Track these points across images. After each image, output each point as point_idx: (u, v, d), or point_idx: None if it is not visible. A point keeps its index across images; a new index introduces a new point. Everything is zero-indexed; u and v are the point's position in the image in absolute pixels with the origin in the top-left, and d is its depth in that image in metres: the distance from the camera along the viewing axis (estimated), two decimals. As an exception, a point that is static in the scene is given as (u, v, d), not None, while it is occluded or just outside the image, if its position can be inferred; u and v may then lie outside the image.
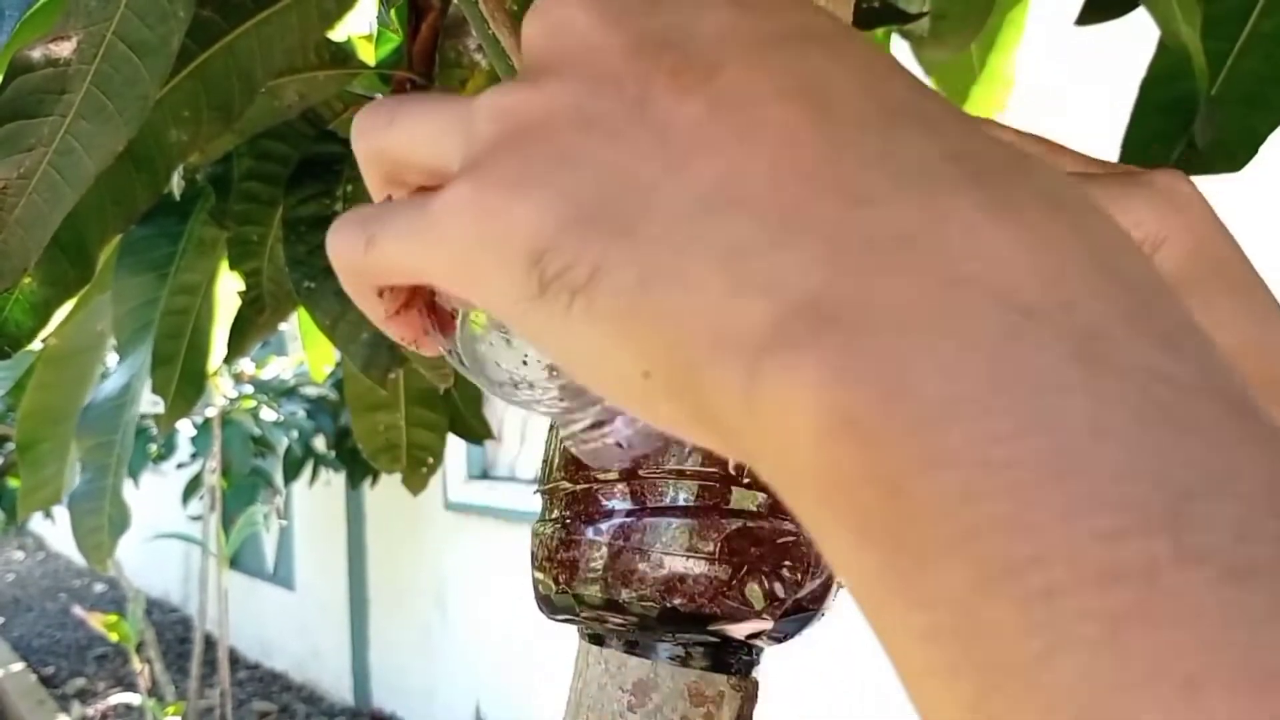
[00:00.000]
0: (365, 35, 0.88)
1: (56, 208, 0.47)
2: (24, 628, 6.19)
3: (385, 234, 0.20)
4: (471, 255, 0.18)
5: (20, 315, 0.55)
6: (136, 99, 0.47)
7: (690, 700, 0.36)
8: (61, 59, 0.45)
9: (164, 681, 3.65)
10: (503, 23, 0.36)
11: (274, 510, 3.97)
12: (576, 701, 0.38)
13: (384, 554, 4.35)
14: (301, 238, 0.73)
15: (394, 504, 3.99)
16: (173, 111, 0.58)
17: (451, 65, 0.76)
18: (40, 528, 8.29)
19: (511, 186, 0.18)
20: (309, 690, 4.78)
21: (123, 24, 0.46)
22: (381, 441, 0.96)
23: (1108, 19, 0.67)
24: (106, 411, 0.88)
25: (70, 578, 7.48)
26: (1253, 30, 0.59)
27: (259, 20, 0.61)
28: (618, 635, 0.36)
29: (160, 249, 0.86)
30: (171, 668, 4.41)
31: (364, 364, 0.72)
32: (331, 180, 0.75)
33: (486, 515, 3.60)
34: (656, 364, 0.16)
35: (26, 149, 0.45)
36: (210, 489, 3.51)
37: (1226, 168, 0.61)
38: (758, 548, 0.34)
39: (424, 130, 0.21)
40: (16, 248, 0.46)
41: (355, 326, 0.72)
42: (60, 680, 5.10)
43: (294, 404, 3.49)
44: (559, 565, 0.36)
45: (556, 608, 0.37)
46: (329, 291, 0.72)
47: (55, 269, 0.55)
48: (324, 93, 0.74)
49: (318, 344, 1.09)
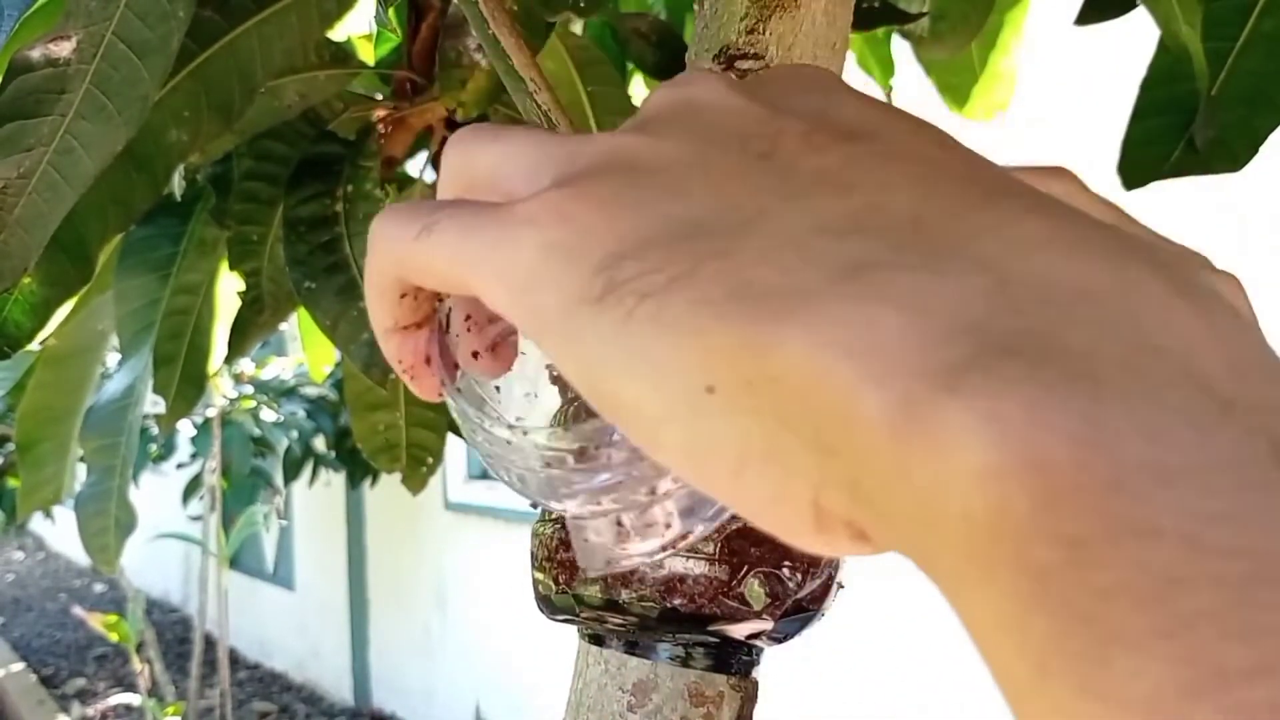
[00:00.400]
0: (365, 35, 0.88)
1: (56, 208, 0.47)
2: (24, 628, 6.19)
3: (445, 224, 0.18)
4: (536, 256, 0.16)
5: (20, 315, 0.55)
6: (136, 99, 0.47)
7: (690, 700, 0.36)
8: (61, 59, 0.45)
9: (164, 681, 3.65)
10: (503, 23, 0.36)
11: (274, 510, 3.97)
12: (576, 701, 0.38)
13: (384, 554, 4.35)
14: (301, 238, 0.73)
15: (394, 504, 3.99)
16: (173, 111, 0.58)
17: (451, 65, 0.76)
18: (40, 528, 8.29)
19: (601, 201, 0.16)
20: (309, 690, 4.78)
21: (123, 24, 0.46)
22: (381, 441, 0.96)
23: (1108, 19, 0.67)
24: (111, 413, 0.88)
25: (70, 578, 7.48)
26: (1253, 30, 0.59)
27: (259, 20, 0.61)
28: (618, 635, 0.36)
29: (161, 249, 0.86)
30: (171, 668, 4.41)
31: (364, 364, 0.72)
32: (331, 180, 0.74)
33: (486, 515, 3.60)
34: (731, 376, 0.14)
35: (26, 149, 0.45)
36: (210, 489, 3.51)
37: (1226, 167, 0.61)
38: (758, 548, 0.34)
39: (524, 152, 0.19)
40: (16, 248, 0.46)
41: (355, 326, 0.72)
42: (60, 680, 5.10)
43: (294, 404, 3.49)
44: (559, 565, 0.36)
45: (556, 608, 0.37)
46: (329, 291, 0.72)
47: (55, 269, 0.55)
48: (324, 93, 0.74)
49: (318, 344, 1.10)
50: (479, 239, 0.17)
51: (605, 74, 0.79)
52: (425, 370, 0.22)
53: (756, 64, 0.37)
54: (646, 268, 0.15)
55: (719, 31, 0.38)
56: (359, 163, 0.75)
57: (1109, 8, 0.67)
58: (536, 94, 0.37)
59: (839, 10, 0.38)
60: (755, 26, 0.37)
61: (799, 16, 0.37)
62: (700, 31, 0.39)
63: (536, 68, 0.37)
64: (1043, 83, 1.40)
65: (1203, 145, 0.60)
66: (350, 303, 0.72)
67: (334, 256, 0.73)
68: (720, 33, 0.38)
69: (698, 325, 0.14)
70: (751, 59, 0.37)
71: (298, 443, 3.50)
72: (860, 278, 0.14)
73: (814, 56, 0.38)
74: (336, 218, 0.73)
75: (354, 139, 0.78)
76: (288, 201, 0.74)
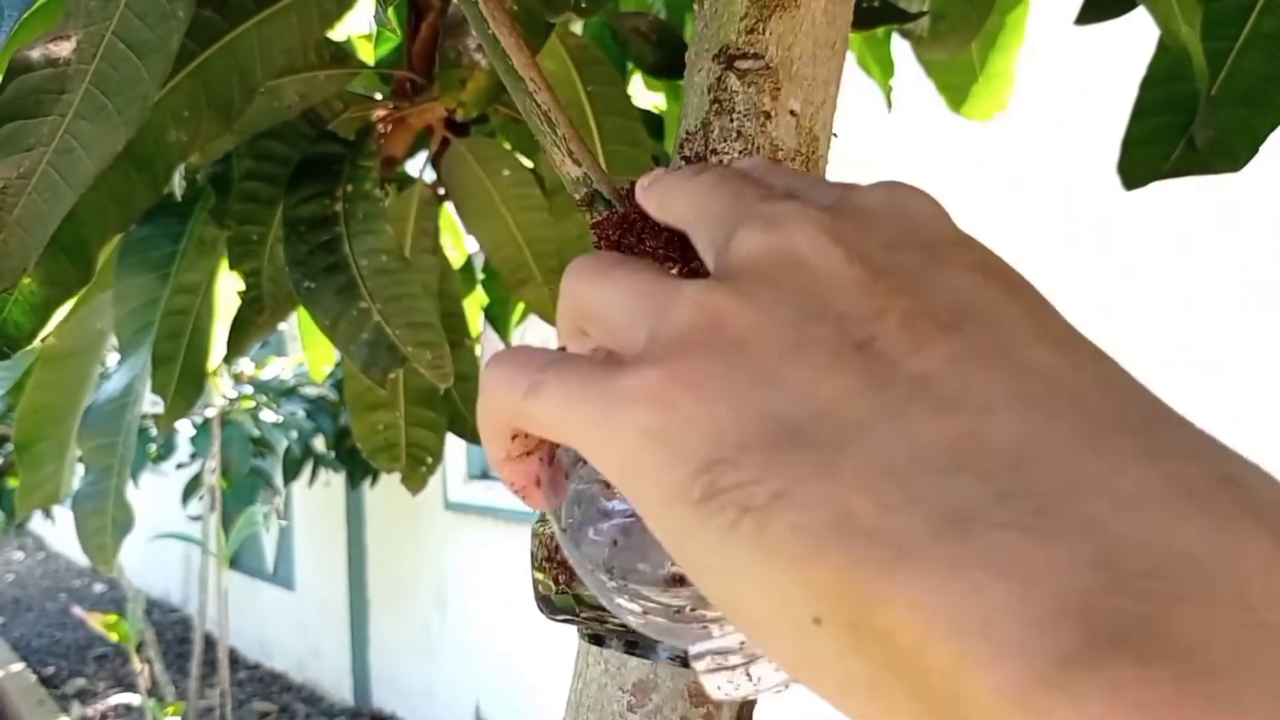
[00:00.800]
0: (365, 35, 0.88)
1: (56, 208, 0.46)
2: (24, 628, 6.19)
3: (553, 389, 0.19)
4: (637, 442, 0.17)
5: (19, 315, 0.55)
6: (136, 99, 0.47)
7: (690, 700, 0.36)
8: (61, 59, 0.45)
9: (164, 681, 3.64)
10: (503, 23, 0.36)
11: (274, 510, 3.97)
12: (576, 702, 0.38)
13: (384, 554, 4.35)
14: (301, 238, 0.73)
15: (394, 504, 3.99)
16: (173, 111, 0.58)
17: (451, 65, 0.76)
18: (40, 528, 8.29)
19: (699, 387, 0.17)
20: (309, 690, 4.78)
21: (122, 24, 0.46)
22: (380, 441, 0.96)
23: (1108, 19, 0.67)
24: (109, 412, 0.88)
25: (70, 578, 7.48)
26: (1253, 30, 0.59)
27: (259, 20, 0.61)
28: (618, 635, 0.36)
29: (161, 249, 0.86)
30: (171, 668, 4.41)
31: (364, 364, 0.72)
32: (331, 180, 0.74)
33: (486, 515, 3.60)
34: (837, 615, 0.15)
35: (26, 149, 0.45)
36: (210, 489, 3.51)
37: (1226, 167, 0.61)
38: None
39: (625, 295, 0.20)
40: (16, 248, 0.46)
41: (355, 326, 0.72)
42: (60, 680, 5.10)
43: (293, 404, 3.49)
44: (559, 565, 0.36)
45: (556, 608, 0.37)
46: (329, 291, 0.72)
47: (55, 269, 0.55)
48: (324, 93, 0.74)
49: (317, 344, 1.10)
50: (582, 409, 0.18)
51: (605, 74, 0.79)
52: (536, 491, 0.24)
53: (756, 64, 0.37)
54: (746, 477, 0.15)
55: (719, 31, 0.38)
56: (359, 163, 0.75)
57: (1109, 8, 0.67)
58: (536, 94, 0.37)
59: (839, 10, 0.38)
60: (755, 26, 0.37)
61: (799, 16, 0.37)
62: (700, 31, 0.39)
63: (536, 68, 0.37)
64: (1043, 83, 1.39)
65: (1203, 145, 0.60)
66: (350, 303, 0.72)
67: (334, 256, 0.73)
68: (720, 32, 0.38)
69: (800, 553, 0.15)
70: (751, 59, 0.37)
71: (297, 443, 3.50)
72: (963, 535, 0.14)
73: (813, 56, 0.38)
74: (336, 218, 0.73)
75: (354, 139, 0.77)
76: (288, 201, 0.74)
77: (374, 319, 0.72)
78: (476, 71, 0.75)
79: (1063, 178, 1.90)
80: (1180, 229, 1.76)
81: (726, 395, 0.16)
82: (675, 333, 0.18)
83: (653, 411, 0.17)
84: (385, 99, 0.83)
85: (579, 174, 0.37)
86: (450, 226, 1.01)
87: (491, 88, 0.76)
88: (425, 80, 0.80)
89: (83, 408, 0.91)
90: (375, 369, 0.72)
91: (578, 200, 0.38)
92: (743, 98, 0.37)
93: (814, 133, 0.38)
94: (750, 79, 0.37)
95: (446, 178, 0.89)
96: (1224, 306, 1.70)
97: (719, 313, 0.18)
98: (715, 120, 0.37)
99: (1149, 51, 0.63)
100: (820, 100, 0.38)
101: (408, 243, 0.90)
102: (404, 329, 0.71)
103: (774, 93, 0.37)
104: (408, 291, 0.72)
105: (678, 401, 0.17)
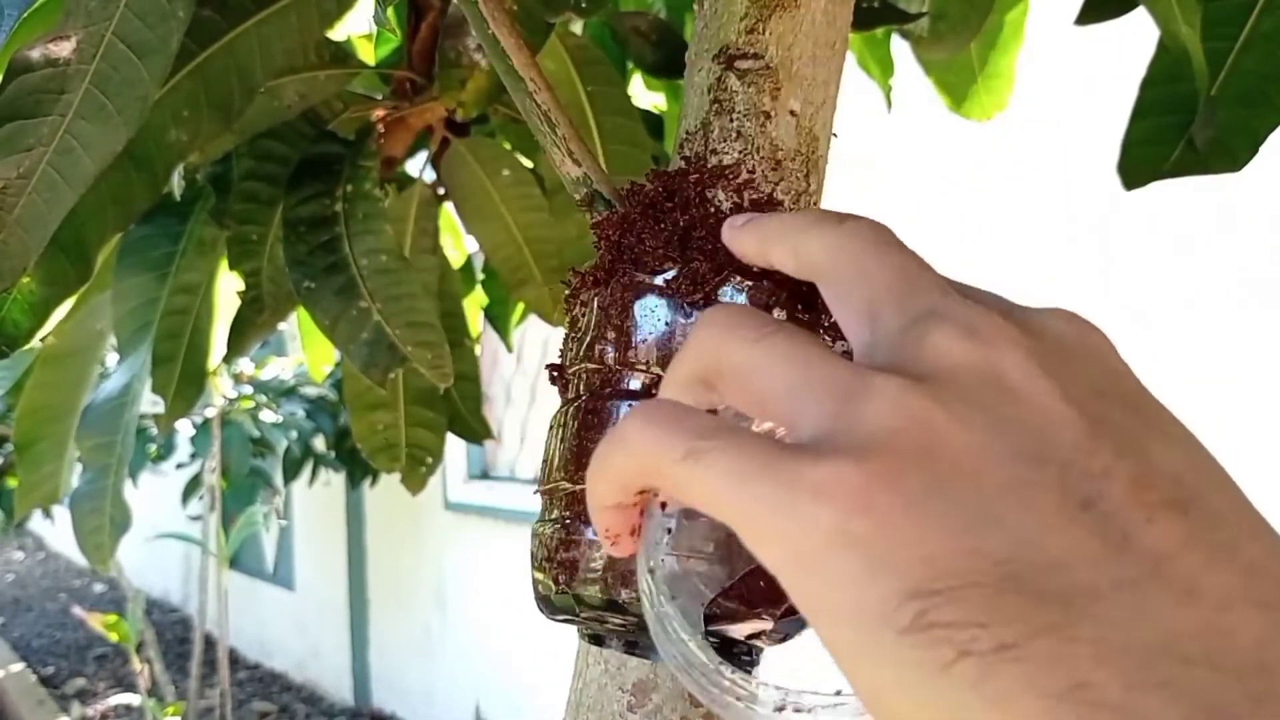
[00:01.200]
0: (365, 35, 0.88)
1: (56, 208, 0.46)
2: (24, 628, 6.19)
3: (718, 458, 0.17)
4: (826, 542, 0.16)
5: (19, 315, 0.55)
6: (136, 99, 0.47)
7: (690, 700, 0.36)
8: (61, 59, 0.45)
9: (164, 681, 3.64)
10: (503, 23, 0.36)
11: (274, 510, 3.96)
12: (576, 702, 0.38)
13: (384, 554, 4.35)
14: (301, 238, 0.73)
15: (394, 504, 3.99)
16: (173, 111, 0.58)
17: (451, 65, 0.76)
18: (40, 528, 8.29)
19: (909, 500, 0.15)
20: (309, 690, 4.78)
21: (122, 24, 0.46)
22: (380, 441, 0.96)
23: (1108, 19, 0.67)
24: (107, 412, 0.88)
25: (70, 578, 7.48)
26: (1252, 30, 0.59)
27: (259, 20, 0.61)
28: (617, 635, 0.36)
29: (160, 249, 0.86)
30: (171, 668, 4.41)
31: (364, 364, 0.72)
32: (331, 180, 0.74)
33: (486, 515, 3.60)
34: None
35: (26, 149, 0.45)
36: (210, 489, 3.51)
37: (1226, 168, 0.61)
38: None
39: (791, 366, 0.18)
40: (16, 248, 0.46)
41: (355, 326, 0.72)
42: (60, 680, 5.10)
43: (293, 404, 3.49)
44: (559, 565, 0.36)
45: (556, 608, 0.37)
46: (329, 291, 0.72)
47: (55, 269, 0.55)
48: (324, 93, 0.74)
49: (317, 344, 1.10)
50: (757, 491, 0.17)
51: (605, 74, 0.79)
52: (629, 541, 0.22)
53: (756, 63, 0.37)
54: (966, 618, 0.15)
55: (719, 31, 0.38)
56: (359, 163, 0.75)
57: (1109, 8, 0.67)
58: (536, 94, 0.37)
59: (839, 10, 0.38)
60: (755, 26, 0.37)
61: (799, 16, 0.37)
62: (700, 31, 0.39)
63: (536, 68, 0.37)
64: (1043, 83, 1.39)
65: (1202, 145, 0.60)
66: (350, 302, 0.72)
67: (334, 256, 0.73)
68: (720, 32, 0.38)
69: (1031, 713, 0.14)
70: (751, 58, 0.37)
71: (297, 443, 3.50)
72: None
73: (813, 56, 0.38)
74: (336, 218, 0.73)
75: (354, 139, 0.77)
76: (287, 201, 0.74)
77: (374, 319, 0.72)
78: (476, 71, 0.75)
79: (1063, 178, 1.90)
80: (1180, 229, 1.76)
81: (940, 518, 0.15)
82: (873, 430, 0.16)
83: (853, 515, 0.16)
84: (385, 99, 0.83)
85: (579, 174, 0.37)
86: (450, 226, 1.01)
87: (491, 88, 0.76)
88: (425, 80, 0.80)
89: (82, 407, 0.91)
90: (375, 369, 0.72)
91: (578, 200, 0.38)
92: (743, 98, 0.37)
93: (814, 133, 0.38)
94: (750, 79, 0.37)
95: (446, 178, 0.89)
96: (1224, 306, 1.70)
97: (927, 424, 0.16)
98: (715, 120, 0.37)
99: (1149, 52, 0.63)
100: (820, 100, 0.38)
101: (408, 243, 0.90)
102: (404, 329, 0.71)
103: (774, 93, 0.37)
104: (407, 291, 0.72)
105: (882, 510, 0.15)
